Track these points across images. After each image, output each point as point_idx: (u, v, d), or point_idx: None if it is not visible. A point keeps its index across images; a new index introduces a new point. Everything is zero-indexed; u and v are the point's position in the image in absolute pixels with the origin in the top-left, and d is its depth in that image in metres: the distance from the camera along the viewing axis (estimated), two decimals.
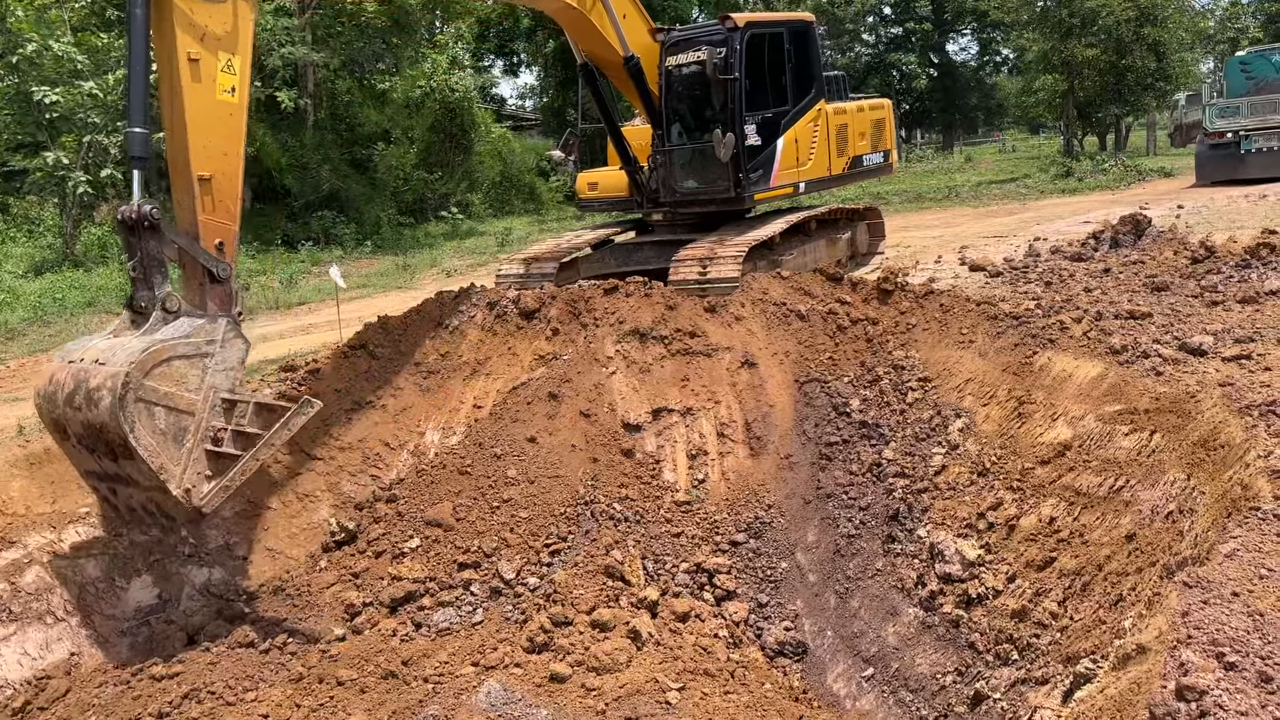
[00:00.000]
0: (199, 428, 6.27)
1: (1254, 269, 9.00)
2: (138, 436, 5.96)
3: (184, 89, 6.52)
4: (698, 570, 7.26)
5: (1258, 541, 3.85)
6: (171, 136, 6.73)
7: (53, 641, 6.48)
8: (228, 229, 6.80)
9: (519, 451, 7.93)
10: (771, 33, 11.82)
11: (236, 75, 6.79)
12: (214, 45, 6.62)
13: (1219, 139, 21.35)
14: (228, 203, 6.78)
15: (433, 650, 6.44)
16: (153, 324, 6.40)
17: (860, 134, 13.32)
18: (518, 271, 11.50)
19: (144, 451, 5.98)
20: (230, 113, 6.79)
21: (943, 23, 54.92)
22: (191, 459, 6.22)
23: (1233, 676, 3.10)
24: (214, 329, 6.52)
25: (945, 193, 25.32)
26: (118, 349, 6.25)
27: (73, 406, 6.20)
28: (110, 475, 6.51)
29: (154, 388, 6.07)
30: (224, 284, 6.74)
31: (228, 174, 6.79)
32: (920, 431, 7.49)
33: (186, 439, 6.21)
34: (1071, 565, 5.43)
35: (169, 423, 6.14)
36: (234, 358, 6.58)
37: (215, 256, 6.70)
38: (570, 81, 38.96)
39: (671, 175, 11.72)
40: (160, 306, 6.44)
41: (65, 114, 19.40)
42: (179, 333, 6.37)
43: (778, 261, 11.06)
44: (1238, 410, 5.16)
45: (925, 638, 6.10)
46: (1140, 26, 32.04)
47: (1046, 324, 7.47)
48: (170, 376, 6.18)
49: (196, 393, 6.30)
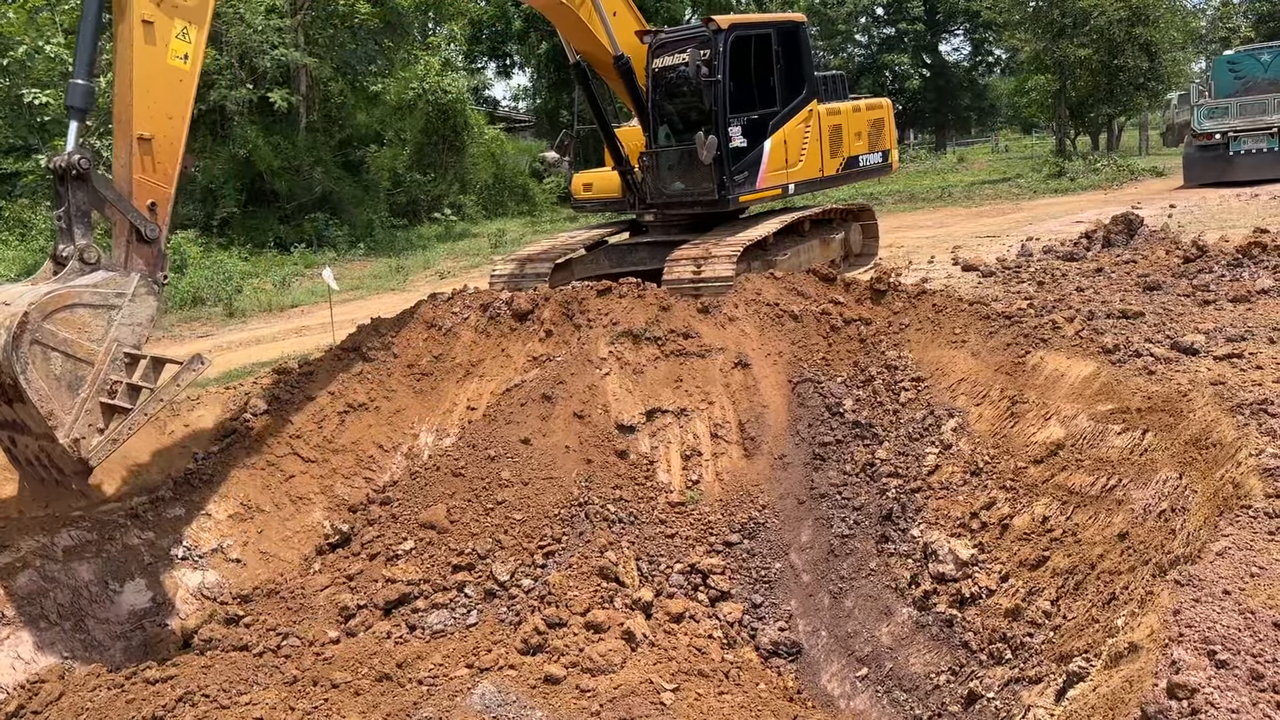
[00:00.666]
0: (96, 378, 6.14)
1: (1245, 268, 9.04)
2: (29, 379, 5.83)
3: (135, 50, 6.54)
4: (692, 571, 7.26)
5: (1249, 540, 3.86)
6: (119, 94, 6.73)
7: (46, 645, 6.46)
8: (162, 191, 6.79)
9: (513, 453, 7.93)
10: (758, 34, 11.77)
11: (192, 44, 6.82)
12: (172, 11, 6.66)
13: (1207, 140, 20.91)
14: (166, 165, 6.78)
15: (427, 652, 6.44)
16: (67, 273, 6.39)
17: (856, 134, 13.24)
18: (511, 272, 11.49)
19: (34, 395, 5.86)
20: (180, 79, 6.80)
21: (935, 23, 55.04)
22: (85, 409, 6.08)
23: (1224, 674, 3.11)
24: (126, 283, 6.46)
25: (938, 193, 25.38)
26: (26, 293, 6.16)
27: None
28: (8, 422, 6.44)
29: (53, 331, 5.96)
30: (152, 245, 6.71)
31: (170, 137, 6.78)
32: (913, 431, 7.50)
33: (82, 389, 6.08)
34: (1064, 564, 5.44)
35: (65, 369, 6.02)
36: (143, 314, 6.48)
37: (146, 216, 6.67)
38: (562, 83, 39.04)
39: (659, 177, 11.74)
40: (78, 257, 6.45)
41: (57, 117, 19.35)
42: (89, 281, 6.32)
43: (772, 262, 11.07)
44: (1229, 409, 5.17)
45: (919, 637, 6.11)
46: (1132, 26, 32.11)
47: (1039, 323, 7.49)
48: (72, 323, 6.08)
49: (98, 344, 6.19)
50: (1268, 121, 20.45)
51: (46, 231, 22.68)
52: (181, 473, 7.91)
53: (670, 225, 12.09)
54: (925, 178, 28.10)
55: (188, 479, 7.86)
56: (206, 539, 7.51)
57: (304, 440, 8.30)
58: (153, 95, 6.67)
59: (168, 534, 7.40)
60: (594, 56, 11.48)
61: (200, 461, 8.02)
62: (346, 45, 27.14)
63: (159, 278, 6.71)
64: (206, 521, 7.63)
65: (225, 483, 7.91)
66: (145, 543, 7.21)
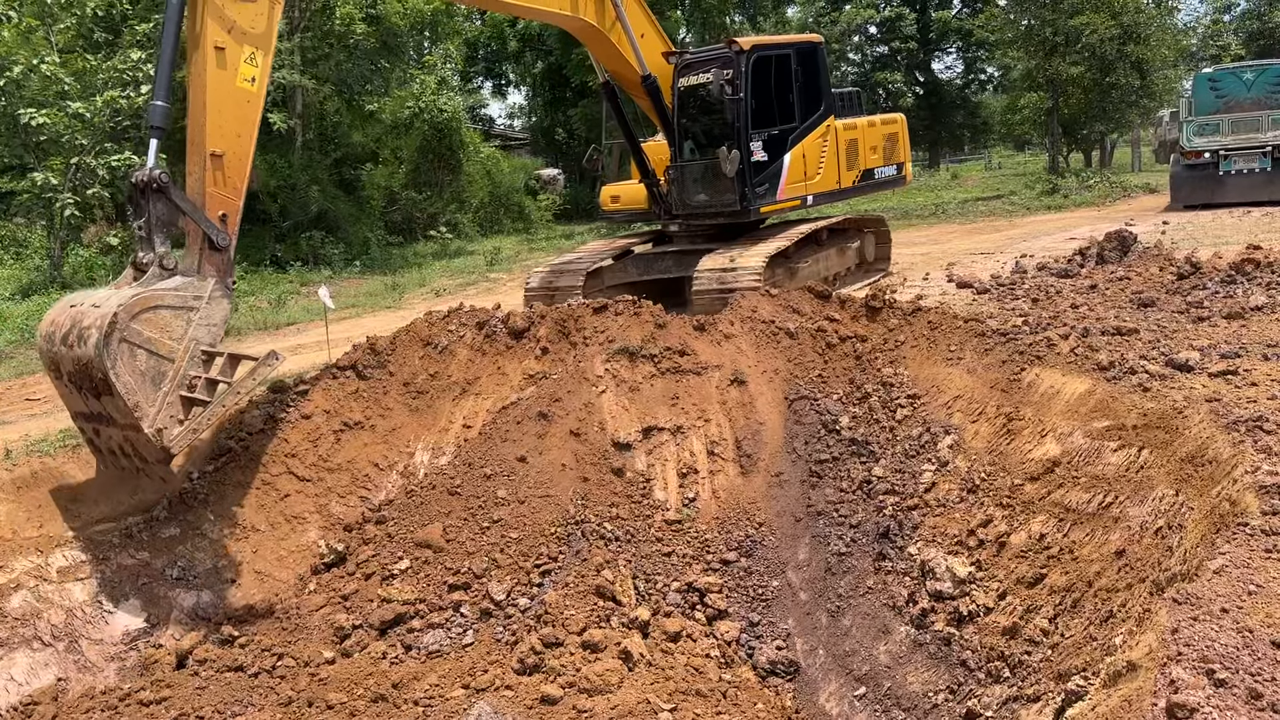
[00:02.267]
0: (177, 374, 6.78)
1: (1239, 284, 9.06)
2: (118, 373, 6.46)
3: (208, 74, 7.26)
4: (689, 589, 7.24)
5: (1246, 557, 3.86)
6: (193, 114, 7.42)
7: (39, 667, 6.42)
8: (232, 203, 7.47)
9: (509, 471, 7.92)
10: (778, 54, 12.43)
11: (258, 68, 7.54)
12: (241, 38, 7.39)
13: (1196, 159, 19.76)
14: (235, 180, 7.47)
15: (423, 673, 6.41)
16: (148, 278, 7.05)
17: (872, 148, 13.87)
18: (545, 284, 12.02)
19: (122, 388, 6.48)
20: (248, 100, 7.50)
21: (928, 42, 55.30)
22: (166, 402, 6.71)
23: (1223, 693, 3.10)
24: (202, 287, 7.12)
25: (932, 210, 25.45)
26: (113, 296, 6.82)
27: (66, 344, 6.79)
28: (95, 415, 7.04)
29: (139, 330, 6.62)
30: (223, 252, 7.35)
31: (238, 154, 7.47)
32: (910, 448, 7.50)
33: (164, 383, 6.73)
34: (1062, 582, 5.43)
35: (149, 366, 6.67)
36: (217, 315, 7.17)
37: (218, 226, 7.33)
38: (557, 101, 39.20)
39: (684, 189, 12.40)
40: (158, 264, 7.09)
41: (52, 136, 19.35)
42: (170, 285, 6.97)
43: (794, 269, 11.71)
44: (1225, 426, 5.18)
45: (917, 656, 6.09)
46: (1124, 44, 32.31)
47: (1034, 340, 7.50)
48: (155, 323, 6.74)
49: (178, 342, 6.85)
50: (1261, 140, 19.36)
51: (41, 250, 22.68)
52: (176, 492, 7.88)
53: (695, 235, 12.78)
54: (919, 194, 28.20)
55: (182, 498, 7.83)
56: (201, 559, 7.48)
57: (299, 459, 8.28)
58: (223, 115, 7.37)
59: (162, 554, 7.37)
60: (623, 76, 12.21)
61: (195, 481, 7.99)
62: (343, 65, 27.22)
63: (229, 282, 7.37)
64: (201, 541, 7.60)
65: (220, 502, 7.88)
66: (139, 563, 7.18)
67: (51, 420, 9.69)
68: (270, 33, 7.59)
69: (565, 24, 11.61)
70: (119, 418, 6.78)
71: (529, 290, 12.19)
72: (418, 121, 31.18)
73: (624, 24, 11.53)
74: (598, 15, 11.39)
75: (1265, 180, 19.19)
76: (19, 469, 7.56)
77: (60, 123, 19.00)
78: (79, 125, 19.20)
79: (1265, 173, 19.19)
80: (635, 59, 11.77)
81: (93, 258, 21.63)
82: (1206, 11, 53.66)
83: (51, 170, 19.82)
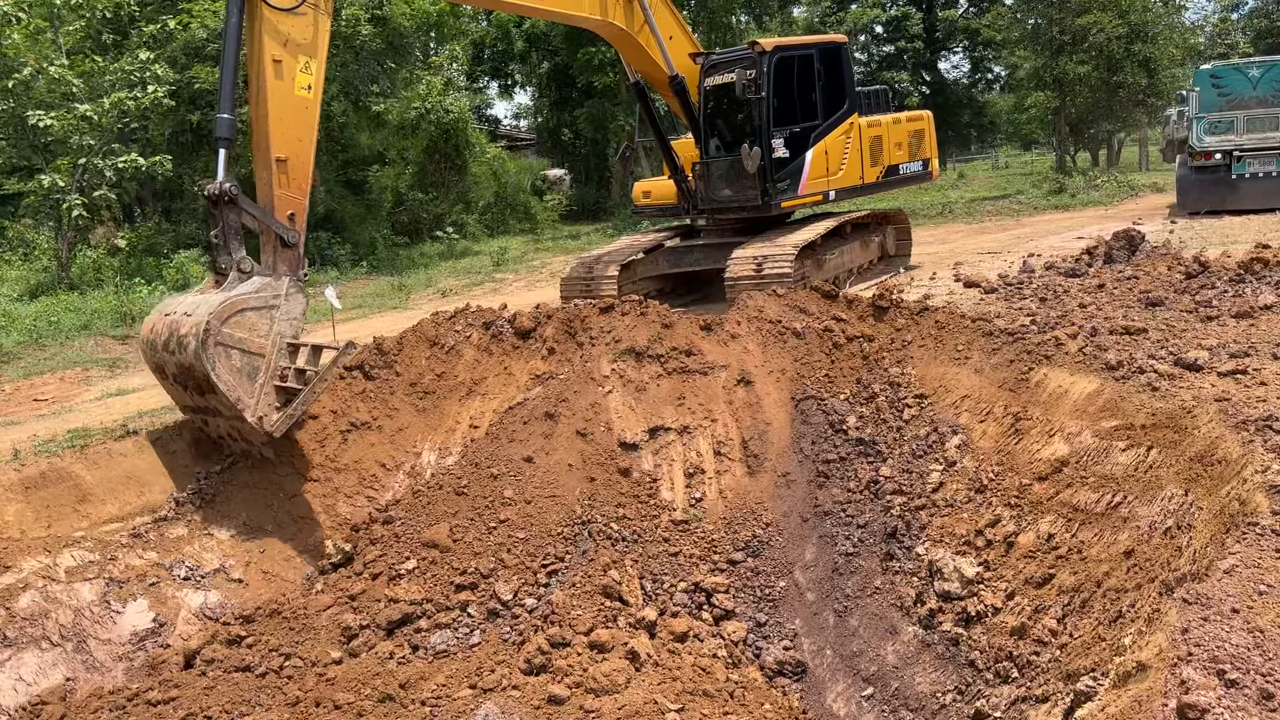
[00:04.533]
0: (268, 367, 7.61)
1: (1248, 284, 9.03)
2: (218, 374, 7.32)
3: (268, 85, 7.82)
4: (696, 589, 7.23)
5: (1256, 557, 3.84)
6: (256, 124, 8.02)
7: (48, 667, 6.43)
8: (298, 203, 8.08)
9: (515, 471, 7.91)
10: (801, 55, 12.79)
11: (313, 75, 8.10)
12: (295, 50, 7.95)
13: (1206, 160, 17.67)
14: (300, 181, 8.09)
15: (430, 673, 6.41)
16: (230, 282, 7.73)
17: (897, 144, 14.21)
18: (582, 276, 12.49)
19: (223, 386, 7.35)
20: (305, 106, 8.07)
21: (934, 41, 55.17)
22: (263, 393, 7.55)
23: (1234, 694, 3.09)
24: (279, 285, 7.81)
25: (939, 209, 25.39)
26: (201, 303, 7.60)
27: (168, 351, 7.63)
28: (201, 408, 7.91)
29: (230, 334, 7.42)
30: (293, 249, 7.98)
31: (301, 157, 8.09)
32: (917, 448, 7.48)
33: (259, 376, 7.56)
34: (1070, 582, 5.41)
35: (243, 363, 7.49)
36: (296, 309, 7.90)
37: (287, 225, 7.95)
38: (564, 102, 39.15)
39: (710, 185, 12.83)
40: (236, 268, 7.77)
41: (60, 137, 19.39)
42: (251, 289, 7.67)
43: (821, 261, 12.10)
44: (1234, 425, 5.16)
45: (925, 656, 6.07)
46: (1131, 43, 32.20)
47: (1042, 340, 7.48)
48: (244, 324, 7.53)
49: (266, 338, 7.63)
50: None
51: (50, 251, 22.75)
52: (184, 492, 7.90)
53: (724, 229, 13.23)
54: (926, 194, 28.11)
55: (190, 498, 7.85)
56: (209, 559, 7.49)
57: (306, 459, 8.29)
58: (285, 123, 7.94)
59: (170, 554, 7.38)
60: (652, 76, 12.64)
61: (202, 481, 8.01)
62: (349, 66, 27.22)
63: (301, 276, 8.03)
64: (209, 541, 7.62)
65: (227, 502, 7.90)
66: (147, 563, 7.19)
67: (59, 421, 9.71)
68: (320, 41, 8.10)
69: (595, 27, 11.88)
70: (224, 410, 7.60)
71: (565, 282, 12.66)
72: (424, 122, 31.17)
73: (651, 26, 11.90)
74: (626, 19, 11.71)
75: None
76: (27, 469, 7.58)
77: (68, 124, 19.05)
78: (86, 127, 19.25)
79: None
80: (663, 60, 12.14)
81: (100, 259, 21.68)
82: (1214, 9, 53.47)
83: (59, 172, 19.86)
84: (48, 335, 15.10)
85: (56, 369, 13.02)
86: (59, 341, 14.77)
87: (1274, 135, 17.37)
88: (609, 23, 11.51)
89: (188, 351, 7.34)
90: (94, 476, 7.74)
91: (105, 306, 16.89)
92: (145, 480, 7.91)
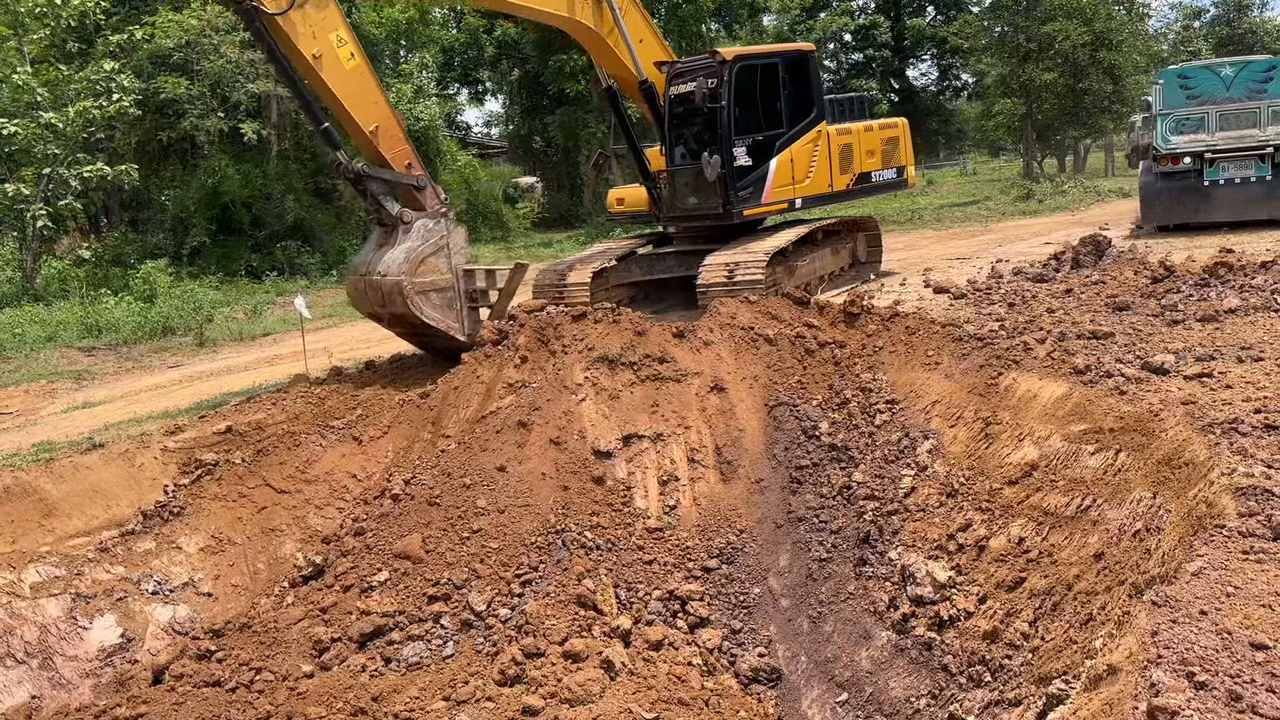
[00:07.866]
0: (460, 295, 9.76)
1: (1213, 287, 9.15)
2: (427, 315, 9.51)
3: (325, 75, 9.06)
4: (670, 597, 7.21)
5: (1224, 559, 3.88)
6: (339, 116, 9.45)
7: (13, 685, 6.32)
8: (405, 151, 9.78)
9: (488, 481, 7.87)
10: (765, 64, 12.73)
11: (349, 44, 9.25)
12: (323, 33, 8.98)
13: (1174, 165, 15.12)
14: (396, 134, 9.70)
15: (403, 685, 6.35)
16: (401, 235, 9.61)
17: (869, 152, 14.12)
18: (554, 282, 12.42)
19: (433, 323, 9.56)
20: (361, 73, 9.38)
21: (902, 49, 55.62)
22: (464, 316, 9.77)
23: (1203, 696, 3.11)
24: (438, 226, 9.71)
25: (908, 215, 25.57)
26: (390, 261, 9.54)
27: (380, 305, 9.72)
28: (419, 334, 10.15)
29: (422, 281, 9.45)
30: (424, 189, 9.84)
31: (385, 116, 9.61)
32: (889, 453, 7.52)
33: (455, 304, 9.72)
34: (1041, 585, 5.45)
35: (440, 299, 9.63)
36: (460, 240, 9.93)
37: (409, 175, 9.73)
38: (534, 109, 39.09)
39: (676, 192, 12.83)
40: (399, 220, 9.60)
41: (24, 146, 19.14)
42: (419, 237, 9.56)
43: (793, 267, 12.09)
44: (1201, 428, 5.22)
45: (898, 661, 6.09)
46: (1096, 51, 32.66)
47: (1011, 345, 7.54)
48: (429, 269, 9.55)
49: (449, 272, 9.69)
50: (1260, 139, 14.69)
51: (14, 262, 22.41)
52: (151, 505, 7.80)
53: (695, 236, 13.23)
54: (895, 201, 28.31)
55: (157, 511, 7.75)
56: (177, 572, 7.40)
57: (276, 471, 8.21)
58: (355, 97, 9.34)
59: (137, 568, 7.28)
60: (624, 80, 12.68)
61: (170, 494, 7.91)
62: None
63: (444, 200, 9.98)
64: (177, 555, 7.52)
65: (196, 515, 7.80)
66: (115, 577, 7.09)
67: (24, 434, 9.57)
68: (334, 13, 9.07)
69: (562, 25, 11.80)
70: (440, 335, 9.71)
71: (537, 288, 12.61)
72: None
73: (620, 29, 11.85)
74: (595, 19, 11.66)
75: (1265, 192, 14.61)
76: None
77: (32, 133, 18.81)
78: (51, 136, 19.01)
79: (1264, 182, 14.60)
80: (632, 63, 12.11)
81: (66, 269, 21.38)
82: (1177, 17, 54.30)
83: (23, 181, 19.60)
84: (12, 347, 14.87)
85: (21, 381, 12.82)
86: (23, 354, 14.56)
87: (1252, 133, 14.85)
88: (576, 21, 11.47)
89: (397, 305, 9.42)
90: (60, 490, 7.63)
91: (71, 318, 16.67)
92: (112, 494, 7.80)
